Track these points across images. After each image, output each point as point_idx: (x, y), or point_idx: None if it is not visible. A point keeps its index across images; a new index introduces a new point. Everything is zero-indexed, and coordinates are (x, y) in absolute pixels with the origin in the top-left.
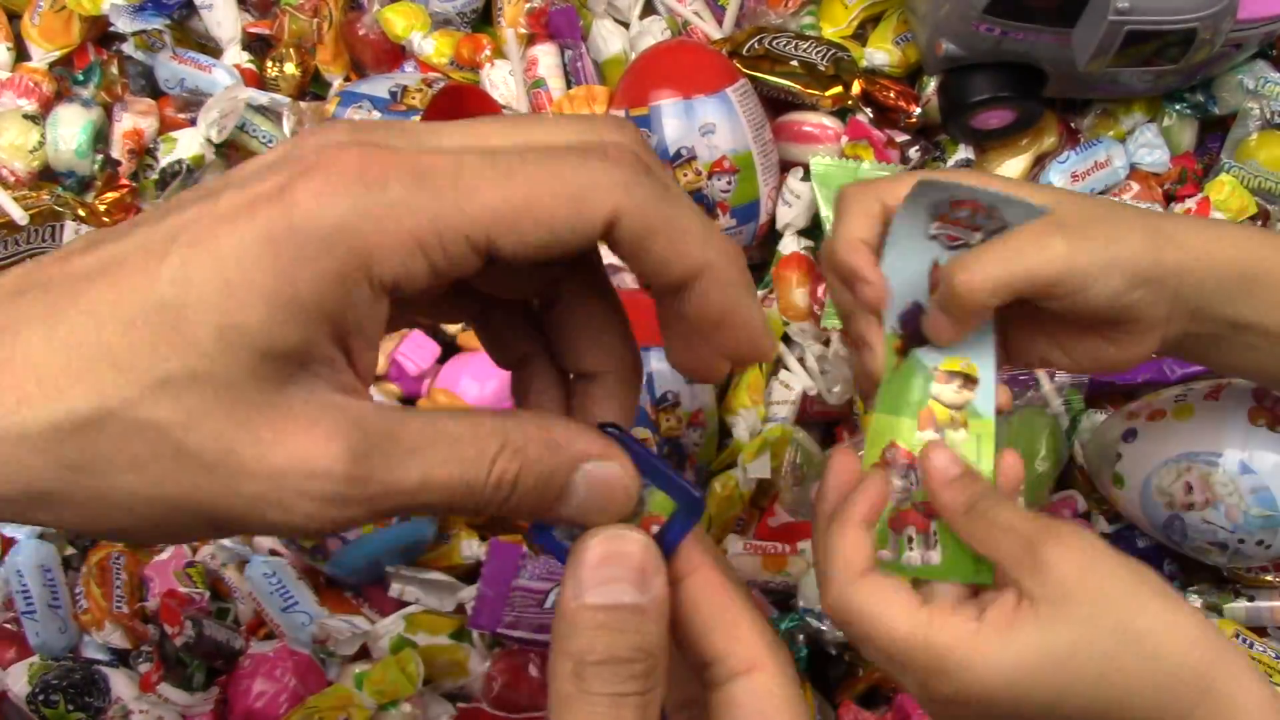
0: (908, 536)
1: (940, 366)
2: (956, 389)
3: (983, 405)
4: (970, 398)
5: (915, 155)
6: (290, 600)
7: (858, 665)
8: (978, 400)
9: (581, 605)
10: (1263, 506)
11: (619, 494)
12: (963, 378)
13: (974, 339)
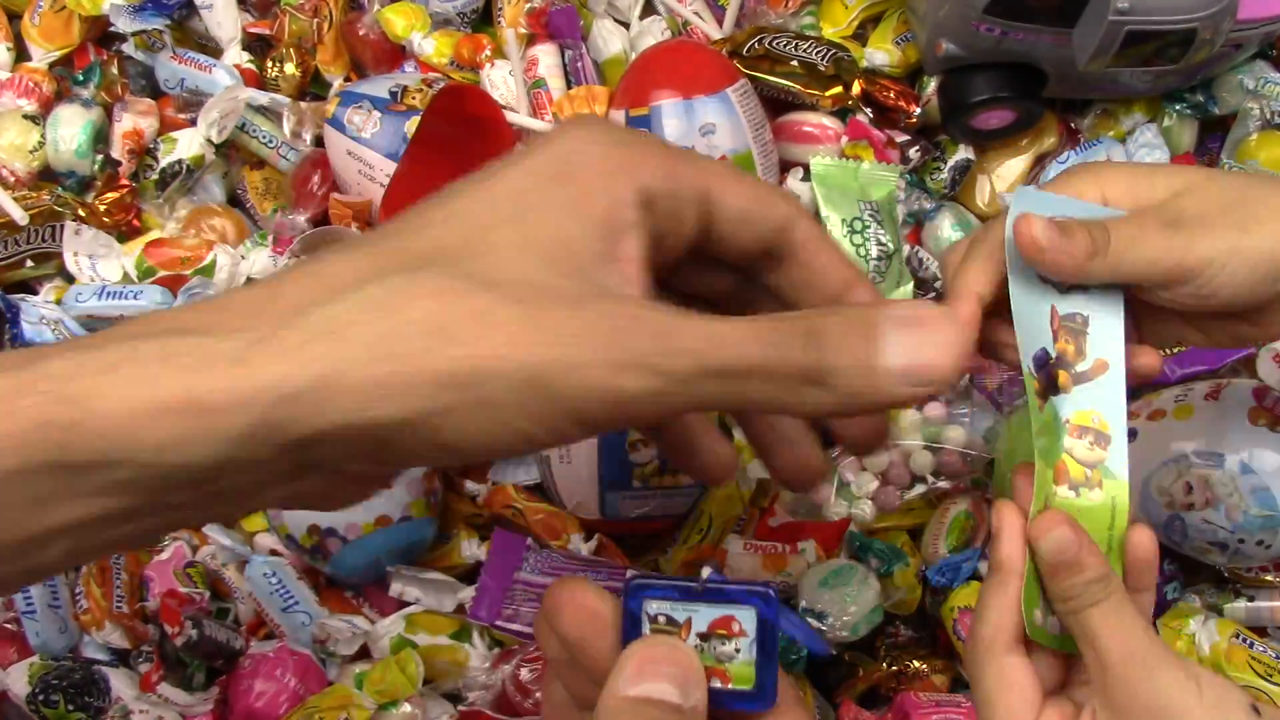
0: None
1: (1072, 420)
2: (1089, 445)
3: (1116, 465)
4: (1103, 457)
5: (915, 155)
6: (290, 600)
7: (858, 665)
8: (1110, 460)
9: (622, 697)
10: (1263, 506)
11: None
12: (1095, 434)
13: (1106, 392)
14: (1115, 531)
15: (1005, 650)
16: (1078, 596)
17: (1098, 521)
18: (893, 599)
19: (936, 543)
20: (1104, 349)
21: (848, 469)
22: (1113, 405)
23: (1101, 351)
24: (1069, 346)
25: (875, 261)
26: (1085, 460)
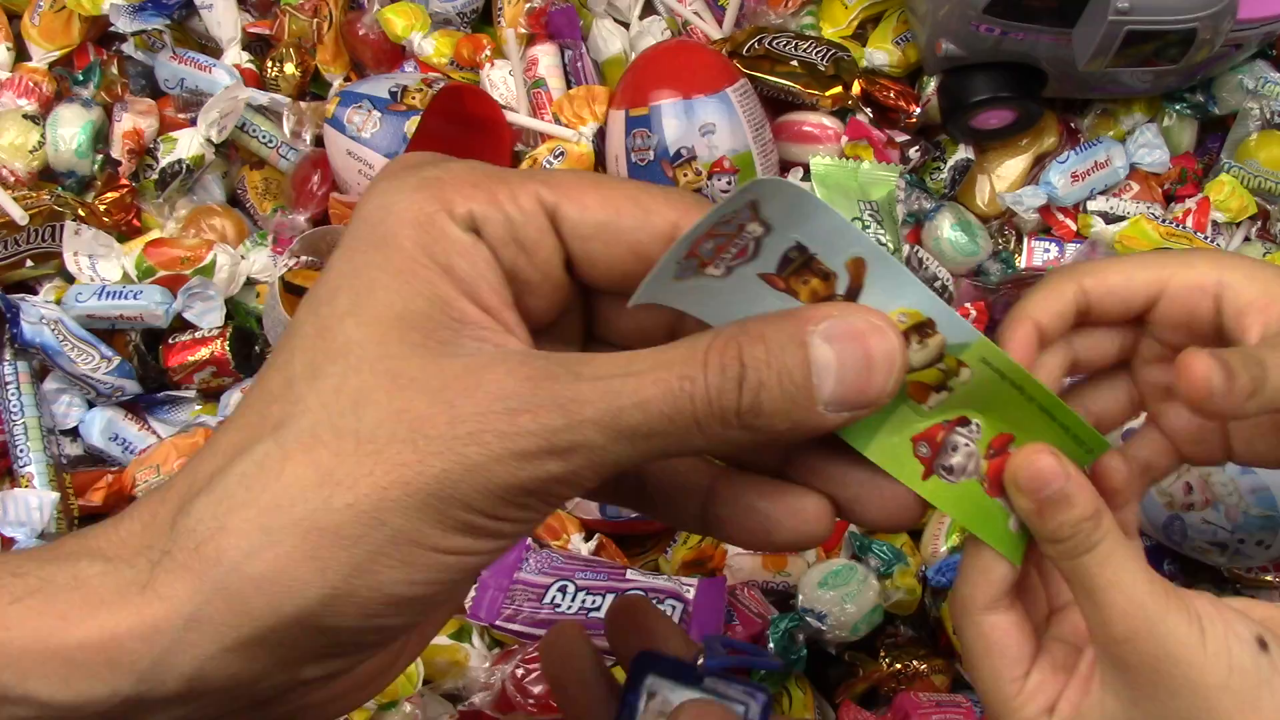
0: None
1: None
2: (918, 345)
3: (959, 334)
4: (939, 340)
5: (915, 155)
6: None
7: (858, 665)
8: (950, 334)
9: None
10: (1262, 506)
11: (881, 344)
12: (914, 330)
13: (884, 283)
14: (1012, 378)
15: (984, 609)
16: (1070, 538)
17: (988, 387)
18: (893, 599)
19: (936, 543)
20: (841, 251)
21: None
22: (902, 289)
23: (843, 254)
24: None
25: None
26: (926, 360)
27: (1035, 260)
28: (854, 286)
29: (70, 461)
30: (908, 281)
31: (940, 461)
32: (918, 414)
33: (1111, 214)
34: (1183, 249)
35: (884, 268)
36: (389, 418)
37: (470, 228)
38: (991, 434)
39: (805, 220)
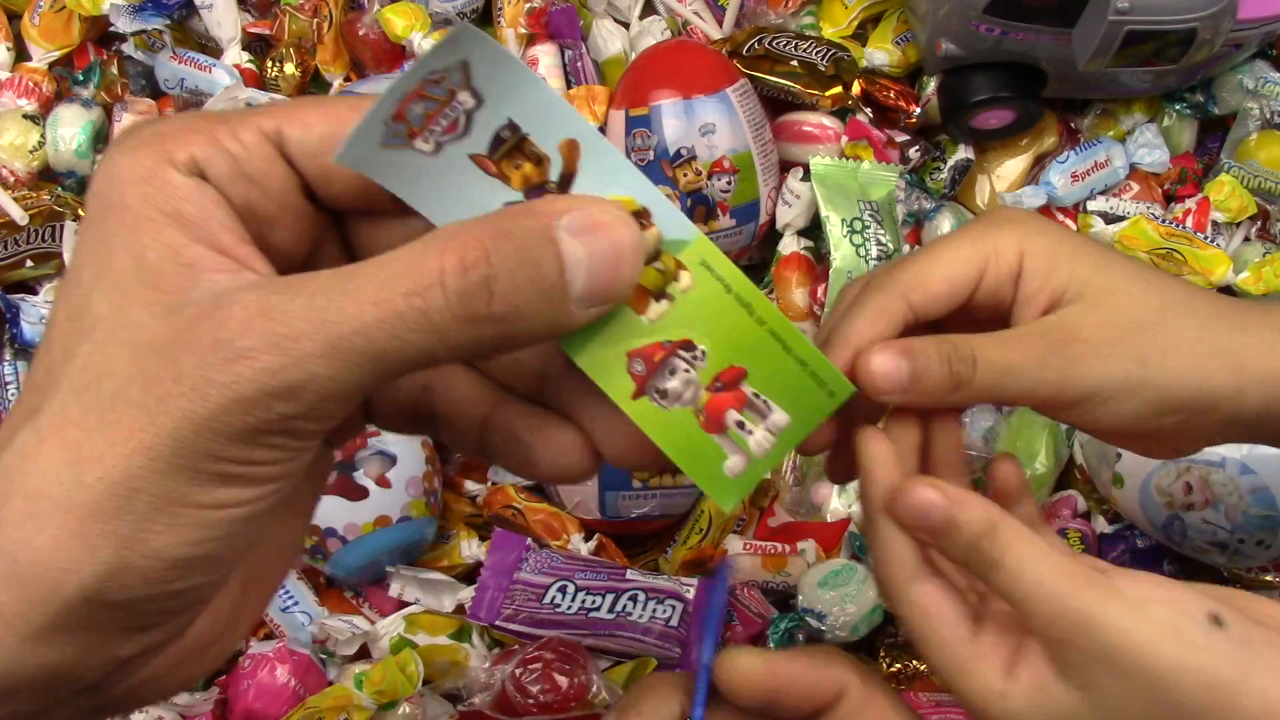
0: (737, 424)
1: None
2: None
3: (676, 228)
4: (655, 233)
5: (915, 155)
6: (290, 600)
7: None
8: (666, 228)
9: None
10: (1262, 506)
11: (626, 233)
12: (633, 215)
13: (600, 166)
14: (737, 291)
15: (907, 581)
16: (972, 558)
17: (713, 303)
18: None
19: None
20: (554, 132)
21: None
22: (616, 174)
23: (556, 135)
24: (521, 169)
25: (875, 261)
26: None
27: None
28: (567, 172)
29: None
30: (622, 166)
31: (654, 383)
32: (637, 327)
33: (1111, 214)
34: (993, 214)
35: (597, 151)
36: (126, 384)
37: (194, 172)
38: (719, 364)
39: (515, 93)
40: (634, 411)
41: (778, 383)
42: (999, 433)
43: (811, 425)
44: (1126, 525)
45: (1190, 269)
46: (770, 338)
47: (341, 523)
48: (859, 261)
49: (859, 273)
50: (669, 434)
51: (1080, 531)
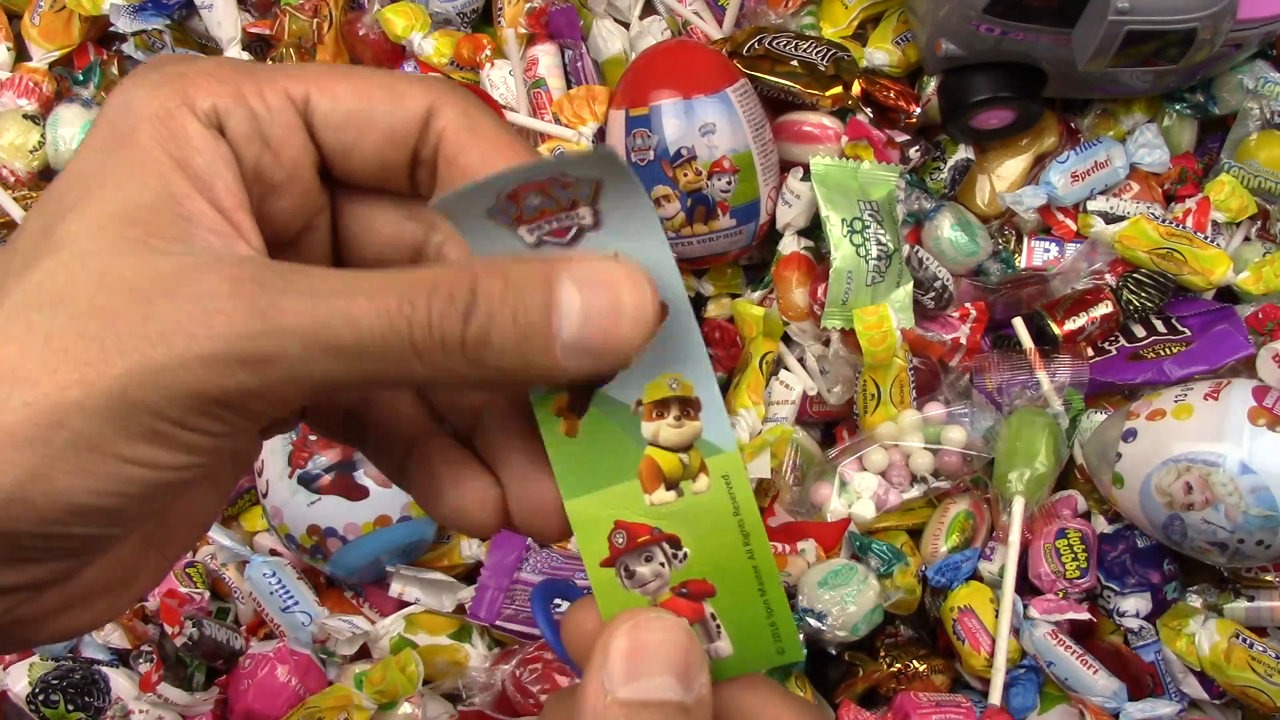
0: None
1: (643, 398)
2: (675, 420)
3: (718, 433)
4: (696, 427)
5: (915, 155)
6: (290, 600)
7: (857, 665)
8: (709, 429)
9: (614, 701)
10: (1262, 506)
11: (634, 293)
12: (679, 403)
13: (678, 344)
14: (744, 518)
15: None
16: None
17: (717, 517)
18: (893, 599)
19: (936, 543)
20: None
21: (848, 469)
22: (692, 358)
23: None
24: None
25: (875, 261)
26: (675, 442)
27: (1035, 260)
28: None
29: None
30: (696, 349)
31: (627, 560)
32: (637, 503)
33: (1111, 214)
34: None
35: (682, 326)
36: (84, 314)
37: (213, 124)
38: (694, 573)
39: (634, 236)
40: (596, 575)
41: (738, 617)
42: (999, 433)
43: (749, 669)
44: (1126, 525)
45: (1190, 269)
46: (752, 573)
47: (341, 523)
48: (859, 261)
49: (859, 273)
50: (616, 609)
51: (1080, 531)
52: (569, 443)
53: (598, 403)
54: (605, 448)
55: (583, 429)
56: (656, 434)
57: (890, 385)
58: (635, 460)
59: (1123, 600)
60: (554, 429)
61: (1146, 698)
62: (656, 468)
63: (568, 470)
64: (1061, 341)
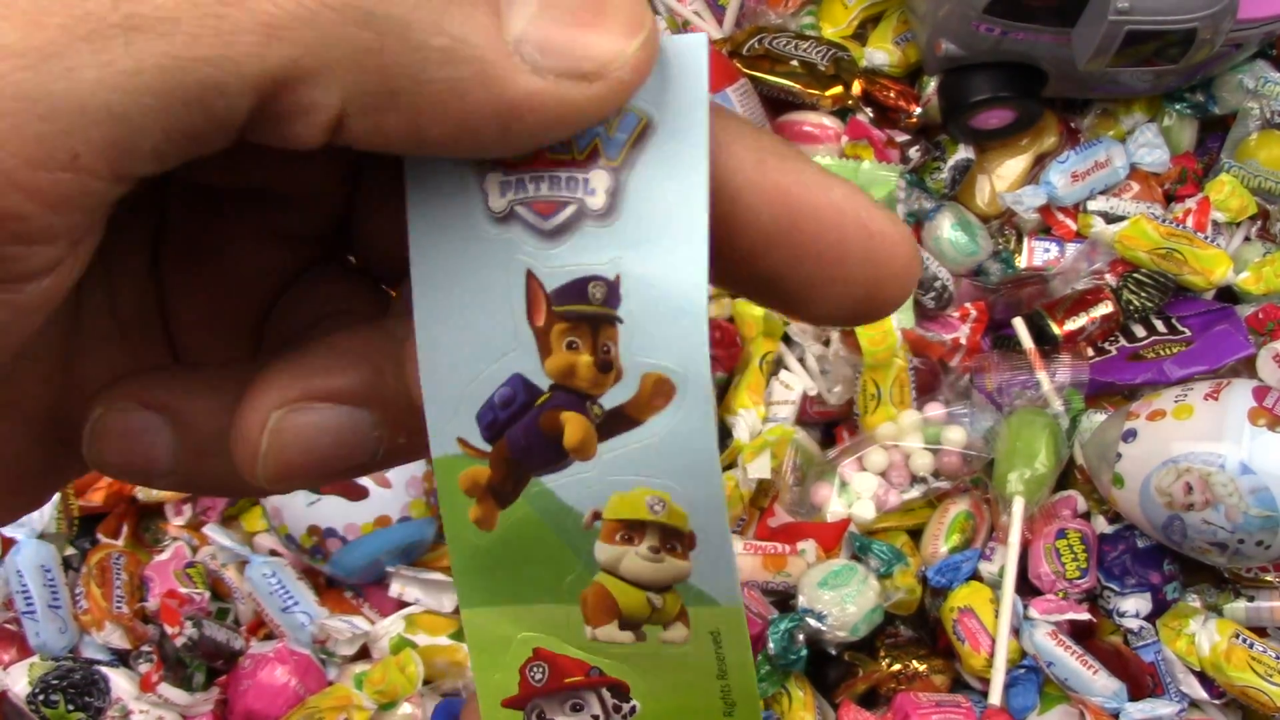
0: None
1: (606, 512)
2: (649, 552)
3: (715, 582)
4: (681, 567)
5: (915, 155)
6: (290, 600)
7: (857, 665)
8: (702, 573)
9: None
10: (1262, 507)
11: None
12: (659, 531)
13: (682, 441)
14: (732, 684)
15: None
16: None
17: (692, 674)
18: (893, 599)
19: (936, 543)
20: (662, 350)
21: (848, 469)
22: (693, 464)
23: (657, 356)
24: (577, 353)
25: None
26: (647, 579)
27: (1035, 260)
28: (631, 415)
29: None
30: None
31: (544, 705)
32: (573, 629)
33: (1111, 214)
34: None
35: (689, 418)
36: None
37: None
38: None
39: (662, 250)
40: (490, 717)
41: None
42: (999, 433)
43: None
44: (1126, 525)
45: (1190, 269)
46: (730, 696)
47: (341, 523)
48: None
49: None
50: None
51: (1080, 531)
52: (477, 535)
53: (532, 496)
54: (532, 555)
55: (503, 523)
56: (618, 561)
57: (890, 385)
58: (579, 582)
59: (1123, 600)
60: (458, 509)
61: (1146, 698)
62: (610, 600)
63: (469, 568)
64: (1061, 341)
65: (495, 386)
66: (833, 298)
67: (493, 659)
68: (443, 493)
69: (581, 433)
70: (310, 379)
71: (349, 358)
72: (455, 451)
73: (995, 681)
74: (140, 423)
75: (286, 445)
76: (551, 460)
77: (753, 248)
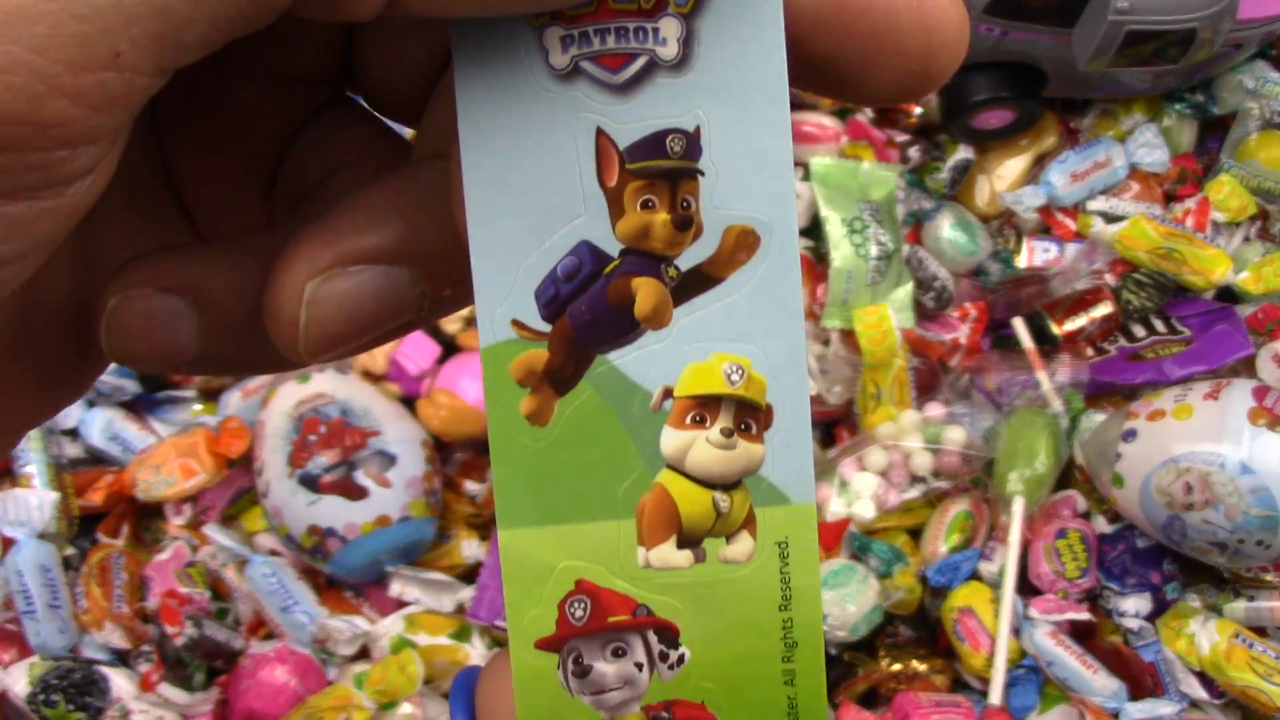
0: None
1: (678, 388)
2: (722, 435)
3: (790, 472)
4: (756, 453)
5: (915, 155)
6: (290, 600)
7: (858, 665)
8: (777, 462)
9: None
10: (1262, 506)
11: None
12: (737, 407)
13: (762, 298)
14: (796, 616)
15: None
16: None
17: (751, 608)
18: (893, 599)
19: (936, 543)
20: (749, 202)
21: (848, 469)
22: (778, 324)
23: (742, 208)
24: (654, 211)
25: (875, 261)
26: (714, 474)
27: (1035, 260)
28: (709, 273)
29: (70, 461)
30: (792, 324)
31: (582, 646)
32: (621, 559)
33: (1111, 214)
34: None
35: (777, 278)
36: None
37: None
38: (690, 690)
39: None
40: (524, 661)
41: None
42: (999, 433)
43: None
44: (1126, 525)
45: (1190, 269)
46: (784, 712)
47: (341, 523)
48: (859, 261)
49: (859, 273)
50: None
51: (1080, 531)
52: (529, 434)
53: (597, 377)
54: (589, 455)
55: (559, 416)
56: (684, 451)
57: (890, 385)
58: (638, 487)
59: (1123, 600)
60: (509, 405)
61: (1146, 698)
62: (671, 506)
63: (515, 479)
64: (1061, 341)
65: (557, 258)
66: (887, 72)
67: (529, 591)
68: (490, 387)
69: (656, 297)
70: (341, 242)
71: (379, 214)
72: (508, 336)
73: (995, 681)
74: (161, 307)
75: (327, 316)
76: (620, 334)
77: (803, 32)
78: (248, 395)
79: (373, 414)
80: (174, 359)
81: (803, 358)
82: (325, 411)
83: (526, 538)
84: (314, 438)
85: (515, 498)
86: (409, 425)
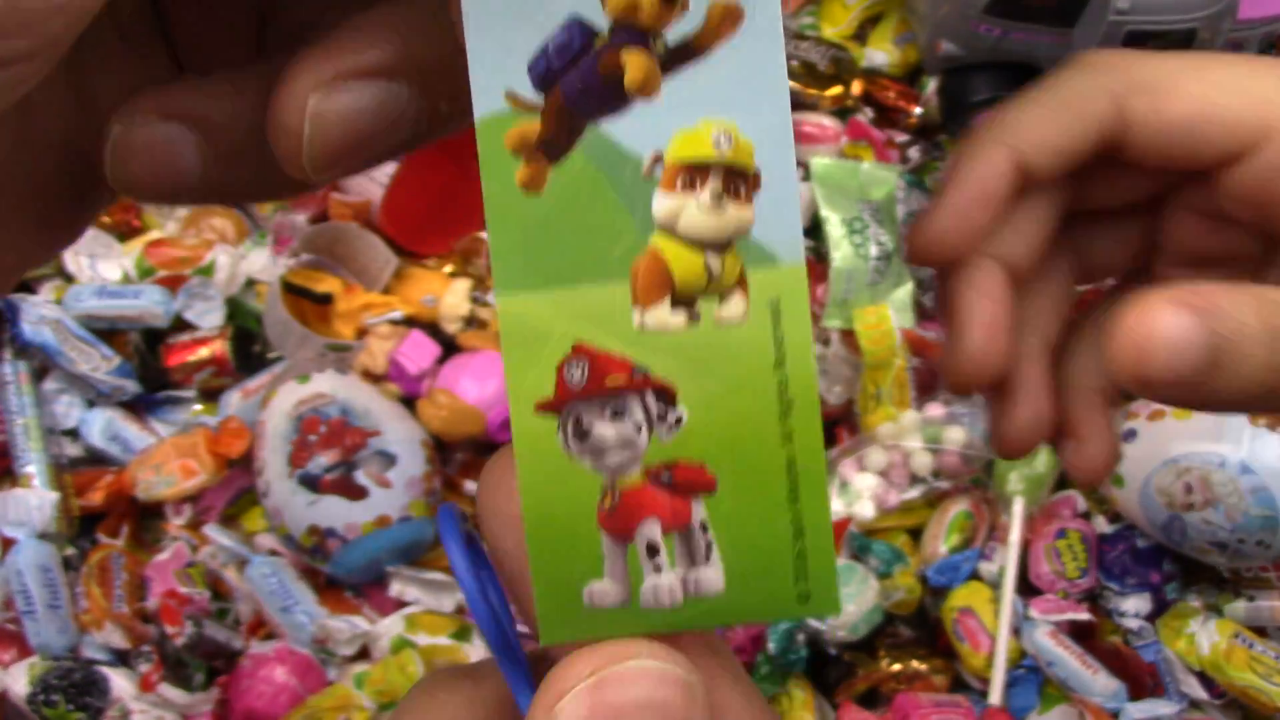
0: (648, 547)
1: (668, 154)
2: (712, 199)
3: (779, 232)
4: (744, 217)
5: (915, 155)
6: (290, 600)
7: (857, 665)
8: (766, 223)
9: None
10: (1263, 506)
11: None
12: (725, 173)
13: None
14: (790, 374)
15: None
16: None
17: (746, 367)
18: (893, 599)
19: (936, 543)
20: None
21: (848, 469)
22: (755, 85)
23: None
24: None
25: (875, 261)
26: (708, 235)
27: None
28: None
29: (70, 461)
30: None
31: (581, 409)
32: (617, 321)
33: None
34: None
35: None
36: None
37: None
38: (689, 449)
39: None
40: (523, 425)
41: (746, 536)
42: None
43: (748, 617)
44: (1126, 525)
45: None
46: (783, 466)
47: (341, 523)
48: (859, 261)
49: (859, 273)
50: (543, 491)
51: (1080, 531)
52: (525, 202)
53: (589, 145)
54: (583, 220)
55: (553, 184)
56: (676, 215)
57: (890, 385)
58: (632, 250)
59: (1123, 600)
60: (503, 174)
61: (1146, 698)
62: (663, 268)
63: (512, 245)
64: None
65: (548, 34)
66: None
67: (527, 355)
68: (485, 158)
69: (645, 69)
70: (342, 58)
71: (378, 32)
72: (501, 109)
73: (995, 681)
74: (164, 134)
75: (329, 127)
76: (611, 104)
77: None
78: (248, 395)
79: (373, 414)
80: (177, 186)
81: (788, 124)
82: (325, 411)
83: (524, 301)
84: (314, 438)
85: (513, 263)
86: (409, 425)
